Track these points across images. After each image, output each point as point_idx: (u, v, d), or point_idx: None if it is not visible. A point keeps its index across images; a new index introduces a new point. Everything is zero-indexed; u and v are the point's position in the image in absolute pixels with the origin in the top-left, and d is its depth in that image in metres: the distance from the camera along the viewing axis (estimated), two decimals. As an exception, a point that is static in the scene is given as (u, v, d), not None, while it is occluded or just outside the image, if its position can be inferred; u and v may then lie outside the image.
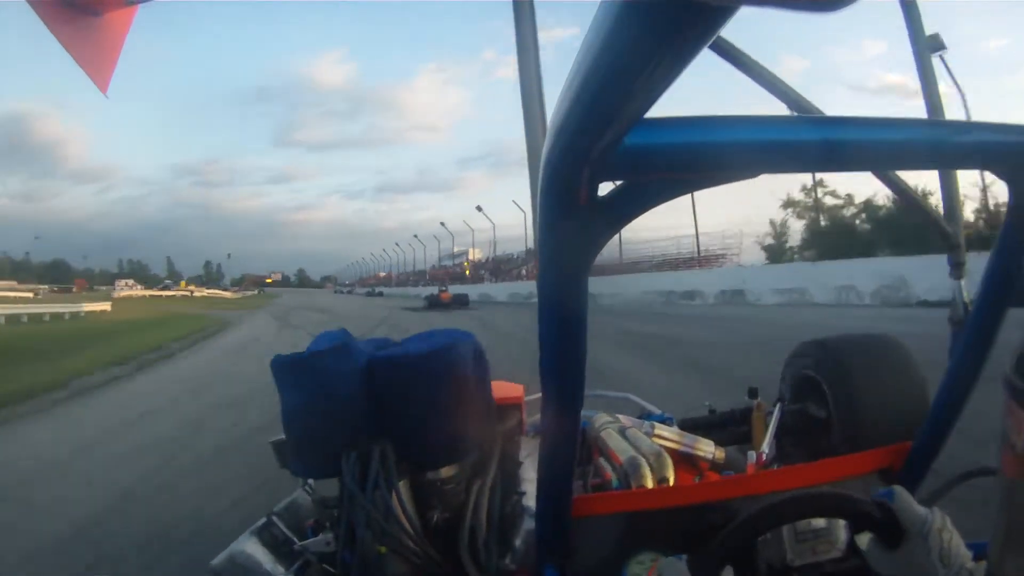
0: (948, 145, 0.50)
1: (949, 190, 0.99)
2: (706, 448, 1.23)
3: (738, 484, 1.01)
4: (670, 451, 1.14)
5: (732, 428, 1.57)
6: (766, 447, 1.30)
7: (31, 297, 37.38)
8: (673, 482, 1.06)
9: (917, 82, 0.99)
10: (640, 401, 2.11)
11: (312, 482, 1.15)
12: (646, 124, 0.39)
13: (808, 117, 0.87)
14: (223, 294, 75.26)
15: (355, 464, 1.00)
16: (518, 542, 1.08)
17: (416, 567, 1.01)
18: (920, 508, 0.65)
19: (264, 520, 1.16)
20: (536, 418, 1.36)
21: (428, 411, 1.05)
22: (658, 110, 0.36)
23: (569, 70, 0.35)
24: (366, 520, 0.97)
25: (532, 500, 1.06)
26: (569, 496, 0.83)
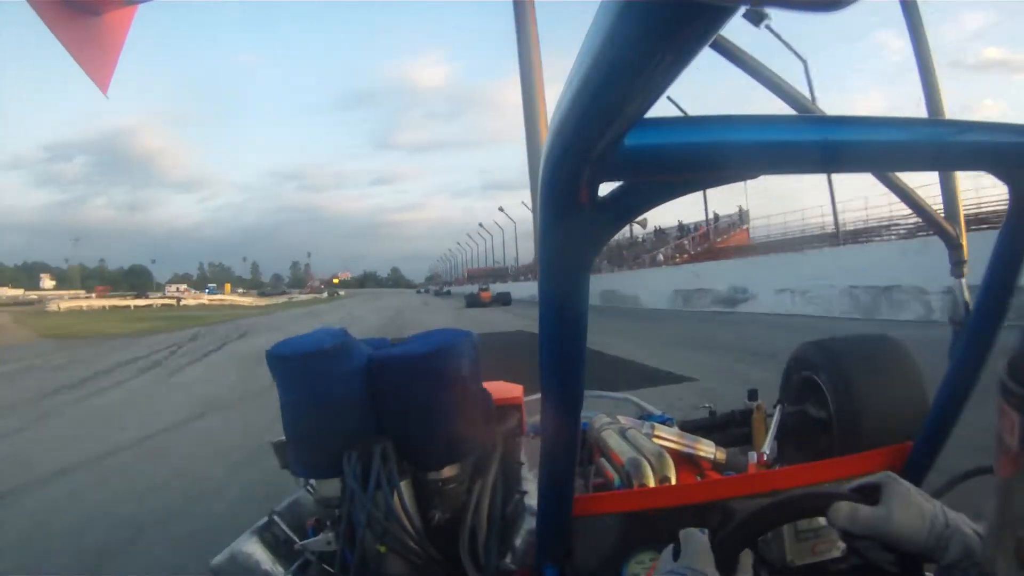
0: (948, 145, 0.50)
1: (949, 190, 0.99)
2: (707, 449, 1.24)
3: (739, 484, 1.01)
4: (671, 452, 1.14)
5: (733, 430, 1.57)
6: (767, 448, 1.30)
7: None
8: (675, 482, 1.06)
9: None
10: (640, 402, 2.11)
11: (314, 482, 1.15)
12: (646, 124, 0.39)
13: (808, 117, 0.87)
14: (240, 300, 64.41)
15: (356, 464, 1.00)
16: (518, 542, 1.08)
17: (416, 567, 1.01)
18: (911, 487, 0.64)
19: (265, 519, 1.16)
20: (536, 419, 1.36)
21: (429, 411, 1.05)
22: (658, 110, 0.36)
23: (569, 70, 0.35)
24: (367, 520, 0.97)
25: (533, 500, 1.06)
26: (570, 496, 0.83)
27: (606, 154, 0.38)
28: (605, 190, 0.44)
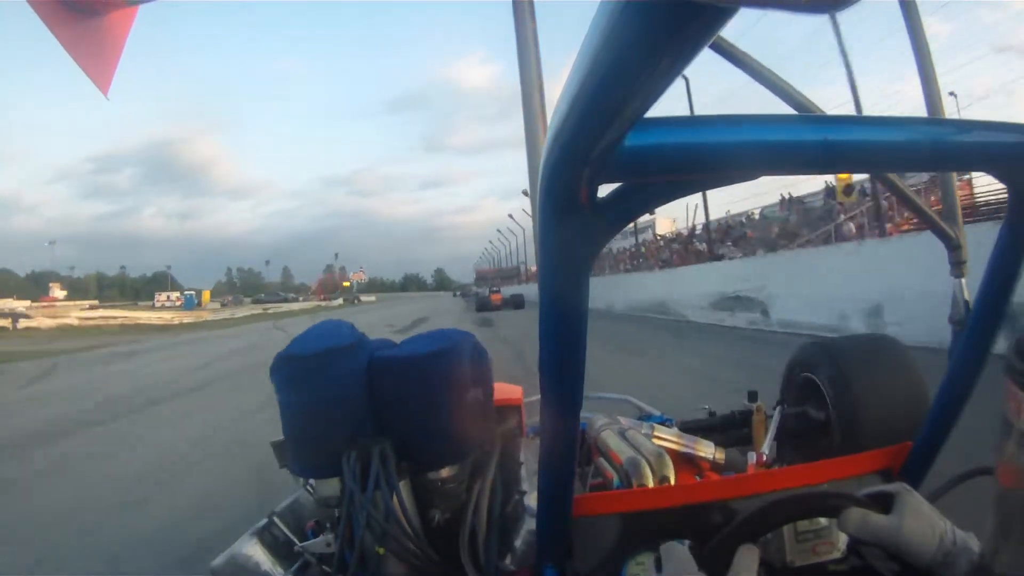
0: (948, 145, 0.50)
1: (948, 190, 1.00)
2: (706, 449, 1.24)
3: (738, 483, 1.01)
4: (670, 452, 1.14)
5: (732, 431, 1.57)
6: (766, 448, 1.30)
7: None
8: (674, 482, 1.06)
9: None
10: (639, 403, 2.11)
11: (313, 482, 1.15)
12: (646, 124, 0.39)
13: (809, 116, 0.87)
14: (139, 317, 34.60)
15: (355, 464, 1.00)
16: (518, 542, 1.07)
17: (416, 567, 1.01)
18: (923, 502, 0.64)
19: (265, 521, 1.16)
20: (535, 420, 1.36)
21: (428, 411, 1.05)
22: (658, 110, 0.36)
23: (569, 70, 0.35)
24: (366, 520, 0.97)
25: (532, 500, 1.06)
26: (569, 497, 0.83)
27: (606, 155, 0.38)
28: (605, 191, 0.44)
